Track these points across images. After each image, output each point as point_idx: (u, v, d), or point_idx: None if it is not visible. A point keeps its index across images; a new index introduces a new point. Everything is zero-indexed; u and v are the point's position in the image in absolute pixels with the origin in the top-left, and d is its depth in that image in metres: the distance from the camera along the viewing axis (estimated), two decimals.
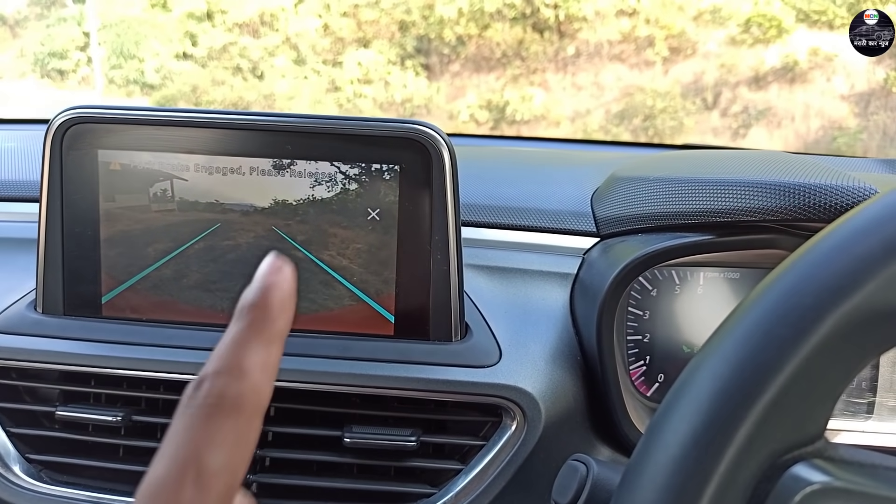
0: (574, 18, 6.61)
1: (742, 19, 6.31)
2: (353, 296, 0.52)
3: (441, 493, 0.50)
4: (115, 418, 0.51)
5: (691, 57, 6.53)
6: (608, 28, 6.55)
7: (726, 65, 6.40)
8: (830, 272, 0.25)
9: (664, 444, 0.26)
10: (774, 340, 0.25)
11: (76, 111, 0.51)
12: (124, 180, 0.52)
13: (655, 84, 6.48)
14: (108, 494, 0.51)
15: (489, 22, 6.74)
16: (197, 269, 0.52)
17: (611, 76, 6.65)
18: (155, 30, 7.43)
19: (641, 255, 0.49)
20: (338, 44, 7.20)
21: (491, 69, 6.73)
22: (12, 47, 7.67)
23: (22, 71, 7.48)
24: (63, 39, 7.44)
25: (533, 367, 0.51)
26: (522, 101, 6.52)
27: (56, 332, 0.52)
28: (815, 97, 5.87)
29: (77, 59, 7.36)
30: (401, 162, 0.50)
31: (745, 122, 5.98)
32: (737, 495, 0.25)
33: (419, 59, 6.86)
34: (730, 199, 0.48)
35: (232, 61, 7.43)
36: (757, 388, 0.25)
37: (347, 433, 0.50)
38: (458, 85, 6.68)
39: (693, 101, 6.35)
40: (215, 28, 7.31)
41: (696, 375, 0.26)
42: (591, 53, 6.70)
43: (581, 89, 6.67)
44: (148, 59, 7.39)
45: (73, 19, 7.48)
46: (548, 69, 6.78)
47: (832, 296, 0.25)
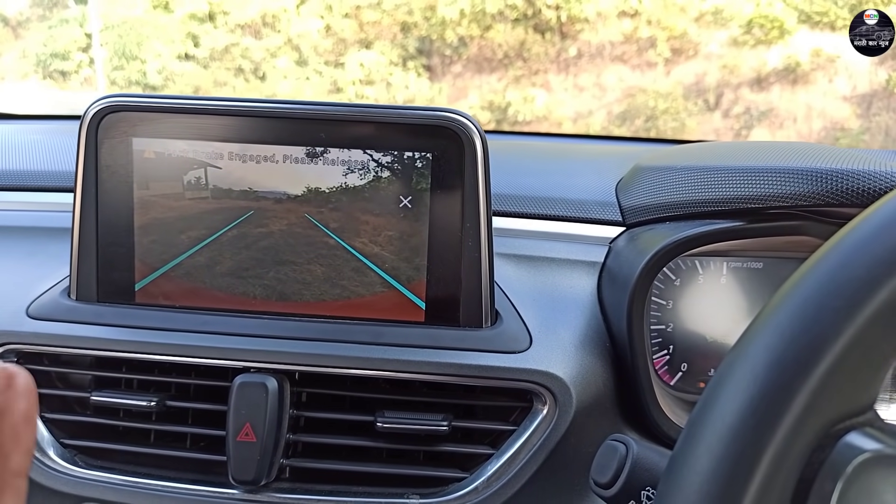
0: (576, 19, 6.61)
1: (744, 20, 6.31)
2: (385, 282, 0.52)
3: (473, 477, 0.50)
4: (150, 403, 0.51)
5: (693, 58, 6.54)
6: (610, 29, 6.56)
7: (728, 66, 6.41)
8: (883, 245, 0.26)
9: (721, 413, 0.26)
10: (828, 312, 0.26)
11: (111, 100, 0.51)
12: (158, 168, 0.52)
13: (657, 85, 6.48)
14: (141, 478, 0.51)
15: (491, 23, 6.74)
16: (230, 256, 0.53)
17: (613, 77, 6.66)
18: (157, 31, 7.44)
19: (672, 242, 0.50)
20: (340, 45, 7.21)
21: (493, 70, 6.73)
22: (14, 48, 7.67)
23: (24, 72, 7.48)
24: (65, 40, 7.44)
25: (563, 352, 0.51)
26: (524, 102, 6.53)
27: (90, 318, 0.53)
28: (817, 98, 5.87)
29: (79, 60, 7.36)
30: (433, 150, 0.50)
31: (748, 123, 5.99)
32: (793, 463, 0.25)
33: (421, 60, 6.86)
34: (760, 185, 0.49)
35: (234, 62, 7.44)
36: (812, 359, 0.25)
37: (380, 418, 0.50)
38: (460, 86, 6.68)
39: (695, 102, 6.36)
40: (217, 29, 7.31)
41: (750, 348, 0.27)
42: (593, 54, 6.70)
43: (583, 90, 6.68)
44: (150, 60, 7.39)
45: (76, 20, 7.48)
46: (549, 70, 6.79)
47: (885, 268, 0.25)
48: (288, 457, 0.51)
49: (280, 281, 0.53)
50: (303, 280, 0.53)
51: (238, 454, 0.48)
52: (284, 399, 0.50)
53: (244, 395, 0.49)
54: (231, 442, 0.48)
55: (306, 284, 0.53)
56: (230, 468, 0.49)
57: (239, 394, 0.49)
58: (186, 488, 0.50)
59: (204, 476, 0.51)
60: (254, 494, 0.50)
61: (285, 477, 0.51)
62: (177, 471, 0.52)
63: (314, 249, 0.52)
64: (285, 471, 0.51)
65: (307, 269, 0.53)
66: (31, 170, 0.67)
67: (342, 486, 0.51)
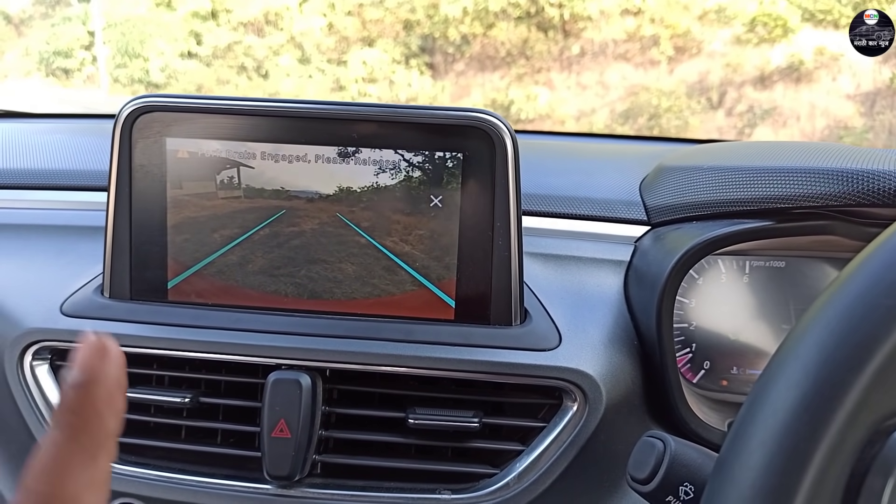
0: (579, 17, 6.61)
1: (747, 19, 6.30)
2: (415, 281, 0.53)
3: (503, 473, 0.51)
4: (184, 400, 0.52)
5: (696, 56, 6.53)
6: (613, 27, 6.55)
7: (731, 64, 6.40)
8: None
9: (773, 409, 0.27)
10: (880, 311, 0.26)
11: (145, 100, 0.52)
12: (191, 168, 0.53)
13: (660, 83, 6.48)
14: (173, 473, 0.52)
15: (494, 21, 6.74)
16: (262, 254, 0.54)
17: (616, 75, 6.65)
18: (160, 29, 7.43)
19: (702, 241, 0.50)
20: (342, 43, 7.20)
21: (496, 68, 6.73)
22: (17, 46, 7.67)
23: (27, 69, 7.48)
24: (68, 38, 7.44)
25: (592, 350, 0.52)
26: (527, 101, 6.52)
27: (123, 315, 0.53)
28: (820, 97, 5.87)
29: (82, 57, 7.36)
30: (464, 150, 0.51)
31: (751, 121, 5.99)
32: (845, 459, 0.26)
33: (424, 58, 6.86)
34: (789, 185, 0.50)
35: (236, 60, 7.43)
36: (864, 356, 0.26)
37: (411, 414, 0.51)
38: (463, 84, 6.68)
39: (698, 100, 6.35)
40: (220, 27, 7.31)
41: (801, 346, 0.27)
42: (596, 52, 6.70)
43: (586, 88, 6.67)
44: (153, 57, 7.39)
45: (78, 18, 7.48)
46: (552, 68, 6.78)
47: None
48: (320, 453, 0.52)
49: (311, 279, 0.53)
50: (334, 278, 0.53)
51: (273, 450, 0.49)
52: (317, 396, 0.51)
53: (279, 392, 0.49)
54: (266, 438, 0.49)
55: (337, 283, 0.53)
56: (265, 464, 0.49)
57: (273, 390, 0.49)
58: (221, 483, 0.51)
59: (237, 472, 0.52)
60: (287, 490, 0.50)
61: (317, 473, 0.52)
62: (210, 466, 0.52)
63: (345, 248, 0.53)
64: (317, 466, 0.52)
65: (338, 267, 0.53)
66: (58, 169, 0.68)
67: (373, 482, 0.52)
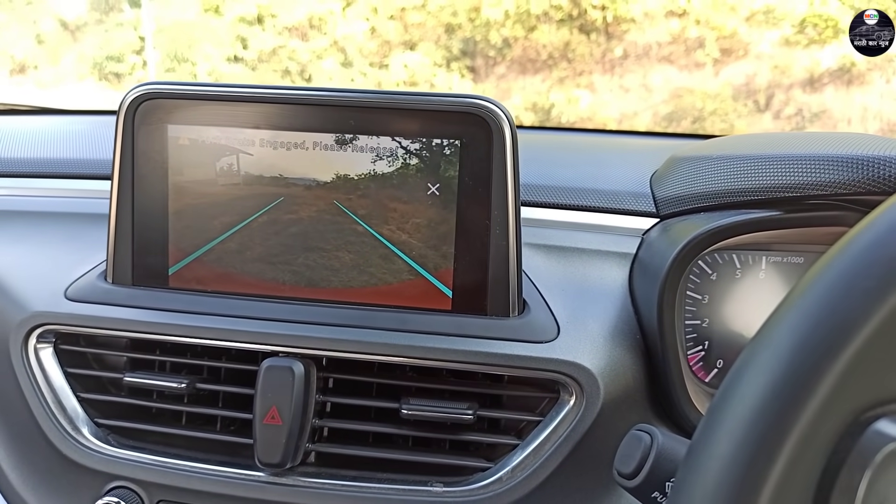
0: (622, 20, 6.52)
1: (797, 20, 6.13)
2: (412, 270, 0.52)
3: (497, 467, 0.50)
4: (180, 385, 0.52)
5: (743, 58, 6.38)
6: (657, 29, 6.45)
7: (780, 66, 6.24)
8: None
9: (742, 396, 0.25)
10: (858, 293, 0.24)
11: (147, 87, 0.52)
12: (192, 155, 0.53)
13: (705, 86, 6.35)
14: (172, 458, 0.52)
15: (535, 24, 6.70)
16: (260, 242, 0.54)
17: (659, 78, 6.54)
18: (207, 33, 7.60)
19: (704, 231, 0.48)
20: (384, 46, 7.26)
21: (537, 71, 6.69)
22: (73, 51, 7.95)
23: (82, 74, 7.75)
24: (120, 44, 7.68)
25: (591, 343, 0.50)
26: (568, 104, 6.46)
27: (125, 301, 0.54)
28: (873, 99, 5.66)
29: (133, 62, 7.58)
30: (462, 137, 0.50)
31: (799, 124, 5.81)
32: (818, 451, 0.24)
33: (465, 61, 6.86)
34: (798, 173, 0.47)
35: (281, 64, 7.56)
36: (840, 341, 0.24)
37: (405, 405, 0.50)
38: (504, 87, 6.66)
39: (745, 103, 6.20)
40: (265, 32, 7.45)
41: (775, 331, 0.26)
42: (640, 55, 6.60)
43: (628, 91, 6.58)
44: (200, 62, 7.56)
45: (130, 24, 7.71)
46: (594, 71, 6.71)
47: None
48: (314, 441, 0.51)
49: (308, 267, 0.53)
50: (331, 266, 0.53)
51: (264, 437, 0.49)
52: (311, 384, 0.50)
53: (271, 379, 0.49)
54: (258, 425, 0.49)
55: (334, 271, 0.53)
56: (256, 451, 0.49)
57: (266, 377, 0.49)
58: (214, 469, 0.51)
59: (232, 458, 0.52)
60: (280, 478, 0.50)
61: (311, 462, 0.52)
62: (206, 453, 0.53)
63: (342, 236, 0.53)
64: (310, 455, 0.52)
65: (335, 255, 0.53)
66: (68, 158, 0.69)
67: (366, 473, 0.51)
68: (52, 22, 7.74)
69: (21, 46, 7.01)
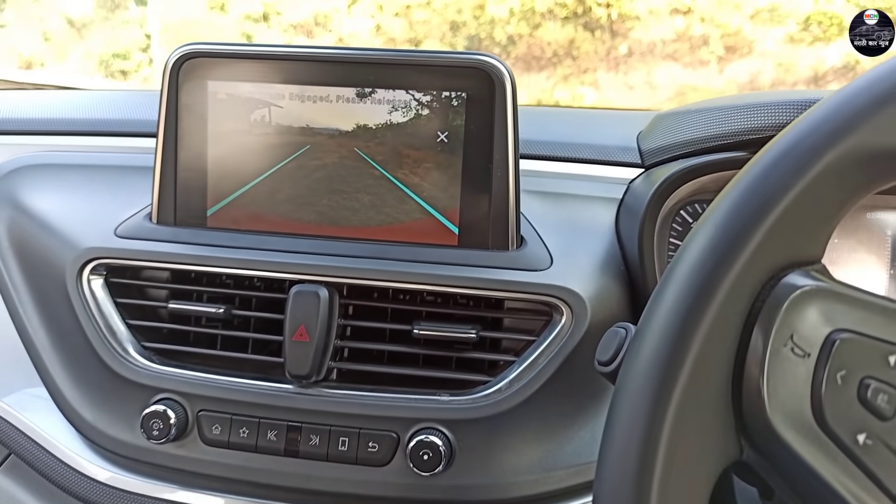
0: (627, 17, 6.55)
1: (801, 17, 6.15)
2: (423, 210, 0.59)
3: (496, 380, 0.56)
4: (218, 311, 0.59)
5: (747, 56, 6.41)
6: (662, 26, 6.48)
7: (784, 64, 6.26)
8: (828, 120, 0.31)
9: (687, 255, 0.32)
10: (776, 175, 0.31)
11: (190, 47, 0.59)
12: (229, 108, 0.60)
13: (710, 83, 6.38)
14: (208, 374, 0.59)
15: (540, 21, 6.74)
16: (289, 185, 0.60)
17: (663, 75, 6.58)
18: (213, 31, 7.66)
19: (678, 171, 0.55)
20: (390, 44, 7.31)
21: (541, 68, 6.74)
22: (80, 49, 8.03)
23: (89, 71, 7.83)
24: (126, 41, 7.74)
25: (581, 272, 0.57)
26: (573, 101, 6.51)
27: (168, 237, 0.61)
28: None
29: (139, 59, 7.66)
30: (468, 90, 0.57)
31: None
32: (744, 296, 0.31)
33: None
34: (762, 118, 0.54)
35: None
36: (765, 209, 0.31)
37: (417, 326, 0.57)
38: None
39: None
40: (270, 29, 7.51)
41: (717, 205, 0.33)
42: (644, 52, 6.64)
43: (632, 89, 6.61)
44: None
45: (136, 22, 7.78)
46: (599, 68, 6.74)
47: (828, 138, 0.31)
48: (335, 360, 0.58)
49: (331, 207, 0.60)
50: (351, 207, 0.60)
51: (293, 352, 0.56)
52: (334, 308, 0.57)
53: (299, 302, 0.56)
54: (287, 341, 0.56)
55: (354, 211, 0.60)
56: (286, 364, 0.56)
57: (295, 300, 0.56)
58: (249, 383, 0.58)
59: (263, 374, 0.59)
60: (306, 389, 0.57)
61: (333, 378, 0.59)
62: (240, 370, 0.59)
63: (361, 180, 0.59)
64: (332, 372, 0.58)
65: (355, 197, 0.60)
66: (113, 118, 0.76)
67: (382, 387, 0.58)
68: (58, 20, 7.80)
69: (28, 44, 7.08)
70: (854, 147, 0.31)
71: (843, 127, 0.31)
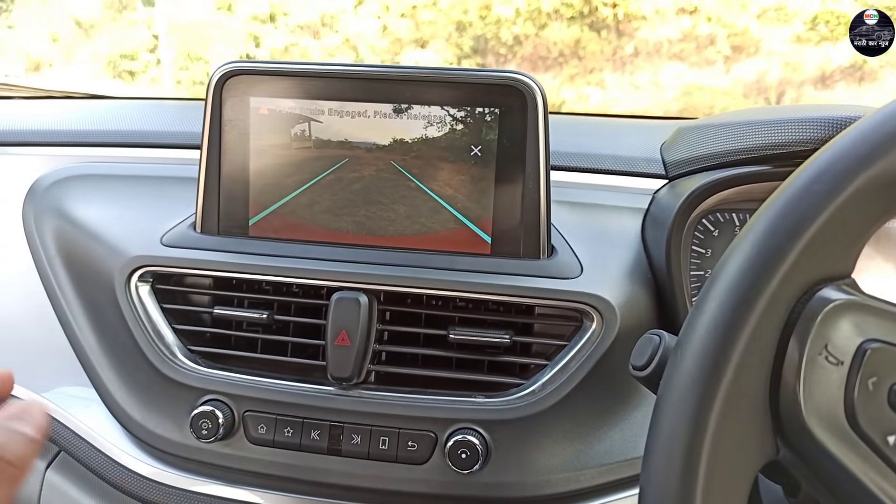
0: (633, 17, 6.56)
1: (808, 17, 6.15)
2: (457, 220, 0.62)
3: (529, 383, 0.59)
4: (261, 316, 0.62)
5: (754, 55, 6.41)
6: (668, 26, 6.49)
7: (791, 63, 6.26)
8: (858, 146, 0.34)
9: (727, 272, 0.34)
10: (813, 195, 0.34)
11: (233, 65, 0.62)
12: (271, 122, 0.63)
13: (716, 83, 6.38)
14: (250, 376, 0.62)
15: (546, 21, 6.75)
16: (328, 196, 0.63)
17: (670, 75, 6.58)
18: (220, 32, 7.69)
19: (705, 183, 0.57)
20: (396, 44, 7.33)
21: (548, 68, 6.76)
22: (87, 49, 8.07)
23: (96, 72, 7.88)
24: (133, 42, 7.78)
25: (610, 280, 0.60)
26: (578, 101, 6.52)
27: (212, 246, 0.64)
28: (885, 96, 5.69)
29: (146, 60, 7.70)
30: (501, 106, 0.59)
31: None
32: (781, 308, 0.33)
33: (476, 58, 6.92)
34: (784, 133, 0.56)
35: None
36: (798, 229, 0.33)
37: (452, 331, 0.59)
38: None
39: (755, 100, 6.23)
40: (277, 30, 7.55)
41: (754, 223, 0.35)
42: (650, 52, 6.65)
43: (639, 88, 6.62)
44: (213, 60, 7.64)
45: (143, 23, 7.82)
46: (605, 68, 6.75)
47: (859, 162, 0.33)
48: (374, 364, 0.61)
49: (369, 218, 0.63)
50: (388, 217, 0.62)
51: (336, 355, 0.58)
52: (373, 313, 0.60)
53: (341, 308, 0.59)
54: (330, 346, 0.59)
55: (391, 221, 0.63)
56: (329, 367, 0.59)
57: (337, 306, 0.59)
58: (292, 385, 0.61)
59: (303, 376, 0.62)
60: (347, 391, 0.60)
61: (372, 381, 0.61)
62: (281, 373, 0.62)
63: (398, 191, 0.62)
64: (371, 375, 0.61)
65: (392, 208, 0.62)
66: (156, 130, 0.79)
67: (418, 388, 0.60)
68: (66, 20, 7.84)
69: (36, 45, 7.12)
70: (883, 172, 0.33)
71: (873, 153, 0.33)
